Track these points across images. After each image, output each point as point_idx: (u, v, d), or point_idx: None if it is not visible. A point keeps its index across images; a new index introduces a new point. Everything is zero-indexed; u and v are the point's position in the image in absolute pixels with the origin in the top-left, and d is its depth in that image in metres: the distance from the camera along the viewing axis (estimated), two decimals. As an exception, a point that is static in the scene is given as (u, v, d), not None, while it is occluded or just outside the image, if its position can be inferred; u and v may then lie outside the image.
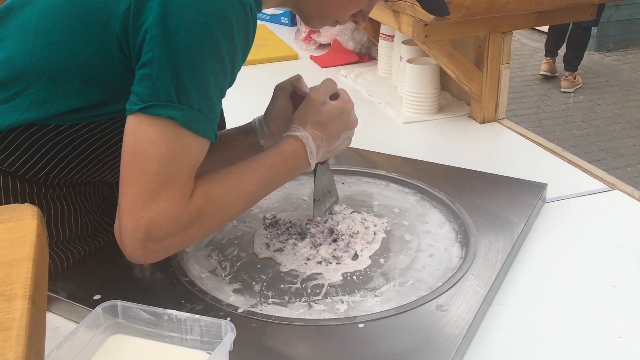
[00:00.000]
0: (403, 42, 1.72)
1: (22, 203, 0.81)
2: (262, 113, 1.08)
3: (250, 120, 1.09)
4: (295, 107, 1.03)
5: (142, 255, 0.82)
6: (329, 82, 1.01)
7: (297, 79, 1.06)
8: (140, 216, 0.79)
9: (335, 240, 1.05)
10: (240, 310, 0.88)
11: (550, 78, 5.05)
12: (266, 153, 0.96)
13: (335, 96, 1.02)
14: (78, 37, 0.83)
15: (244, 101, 1.20)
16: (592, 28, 5.01)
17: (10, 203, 0.85)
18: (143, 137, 0.78)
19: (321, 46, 2.25)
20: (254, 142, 1.07)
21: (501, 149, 1.51)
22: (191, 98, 0.78)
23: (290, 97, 1.06)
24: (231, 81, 0.85)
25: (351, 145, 1.37)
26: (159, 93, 0.77)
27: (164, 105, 0.77)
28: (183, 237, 0.84)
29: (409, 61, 1.64)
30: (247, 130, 1.09)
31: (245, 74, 1.56)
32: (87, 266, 1.01)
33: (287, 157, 0.95)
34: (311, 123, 0.97)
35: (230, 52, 0.80)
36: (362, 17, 1.01)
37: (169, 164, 0.79)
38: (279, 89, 1.06)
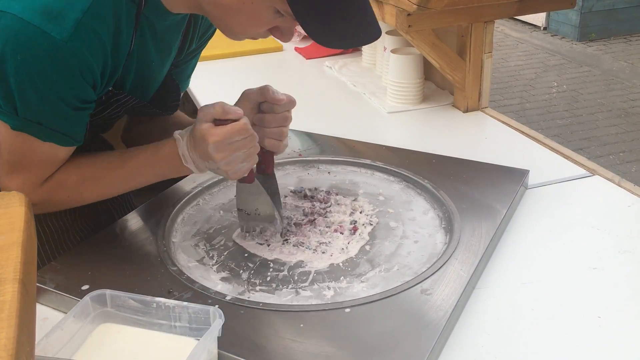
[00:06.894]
0: (387, 33, 1.73)
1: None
2: None
3: None
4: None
5: None
6: (218, 106, 0.94)
7: (266, 88, 1.02)
8: (2, 181, 0.98)
9: (313, 221, 1.06)
10: (228, 298, 0.89)
11: (532, 68, 5.08)
12: (144, 147, 1.02)
13: (229, 121, 0.93)
14: None
15: (228, 94, 1.20)
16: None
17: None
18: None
19: (305, 37, 2.25)
20: None
21: (484, 137, 1.52)
22: (26, 113, 0.90)
23: (260, 105, 1.03)
24: (99, 90, 0.94)
25: (337, 135, 1.40)
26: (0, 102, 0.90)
27: (3, 112, 0.90)
28: (40, 208, 0.99)
29: (393, 51, 1.65)
30: None
31: (228, 66, 1.55)
32: (75, 257, 1.02)
33: (161, 156, 1.00)
34: (189, 134, 0.98)
35: (54, 82, 0.88)
36: (281, 34, 0.95)
37: (17, 155, 0.94)
38: (244, 96, 1.04)
